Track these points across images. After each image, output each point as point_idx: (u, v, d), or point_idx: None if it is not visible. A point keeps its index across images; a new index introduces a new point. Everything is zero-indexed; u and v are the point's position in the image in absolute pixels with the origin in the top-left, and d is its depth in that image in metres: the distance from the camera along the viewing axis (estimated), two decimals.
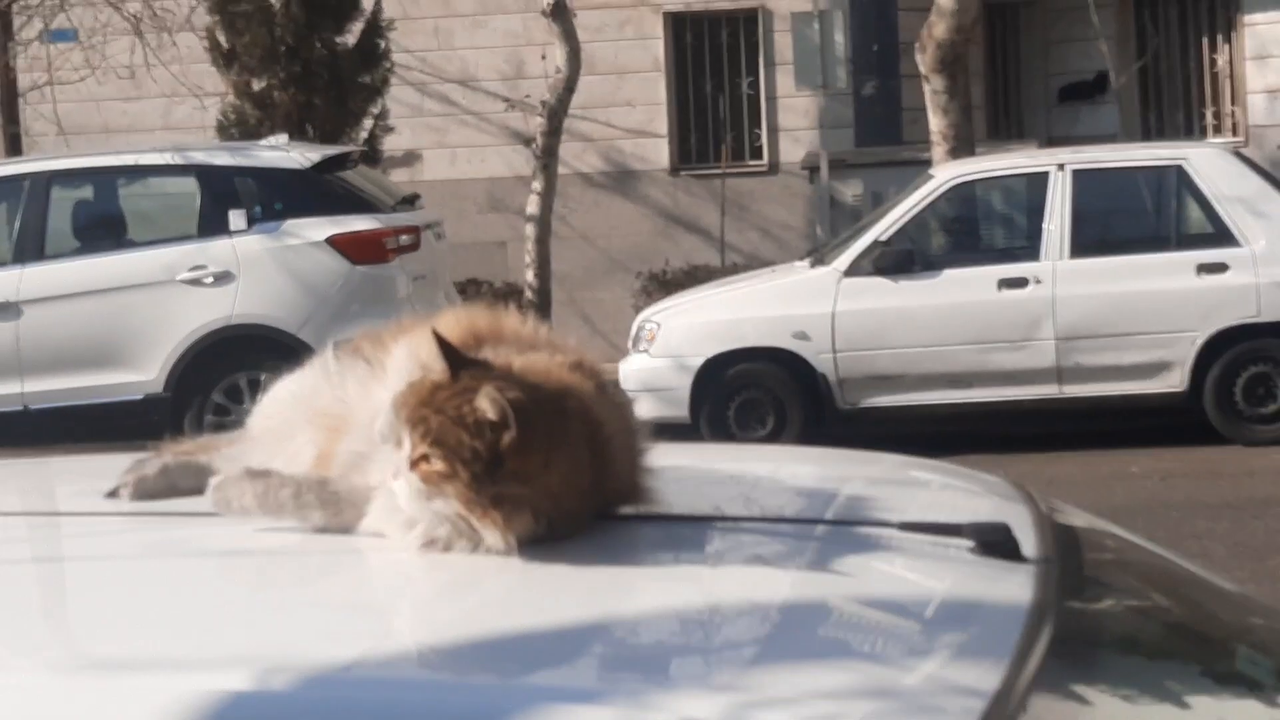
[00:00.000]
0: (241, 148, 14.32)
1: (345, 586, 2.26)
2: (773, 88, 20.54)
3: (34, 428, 12.60)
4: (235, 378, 12.81)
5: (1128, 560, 2.75)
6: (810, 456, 3.32)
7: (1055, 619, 2.13)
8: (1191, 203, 12.66)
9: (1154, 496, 10.76)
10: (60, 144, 18.13)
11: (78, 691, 1.84)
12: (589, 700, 1.80)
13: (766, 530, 2.39)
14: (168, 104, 19.74)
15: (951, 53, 15.56)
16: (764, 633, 2.11)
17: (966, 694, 1.87)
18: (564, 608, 2.09)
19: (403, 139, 19.67)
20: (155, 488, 2.49)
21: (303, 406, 2.45)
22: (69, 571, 2.34)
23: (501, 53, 20.82)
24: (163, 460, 2.53)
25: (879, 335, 12.52)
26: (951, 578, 2.27)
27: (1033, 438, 12.53)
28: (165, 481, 2.49)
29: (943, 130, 15.62)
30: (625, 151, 20.82)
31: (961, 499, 2.77)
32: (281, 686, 1.81)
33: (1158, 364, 12.33)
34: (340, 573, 2.29)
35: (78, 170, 13.87)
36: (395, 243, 13.12)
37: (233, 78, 17.87)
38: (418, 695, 1.82)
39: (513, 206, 20.04)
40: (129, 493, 2.49)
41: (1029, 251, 12.69)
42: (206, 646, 1.97)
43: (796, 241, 19.41)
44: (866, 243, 12.76)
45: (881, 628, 2.12)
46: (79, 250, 13.35)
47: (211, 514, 2.35)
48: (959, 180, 13.10)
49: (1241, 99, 20.27)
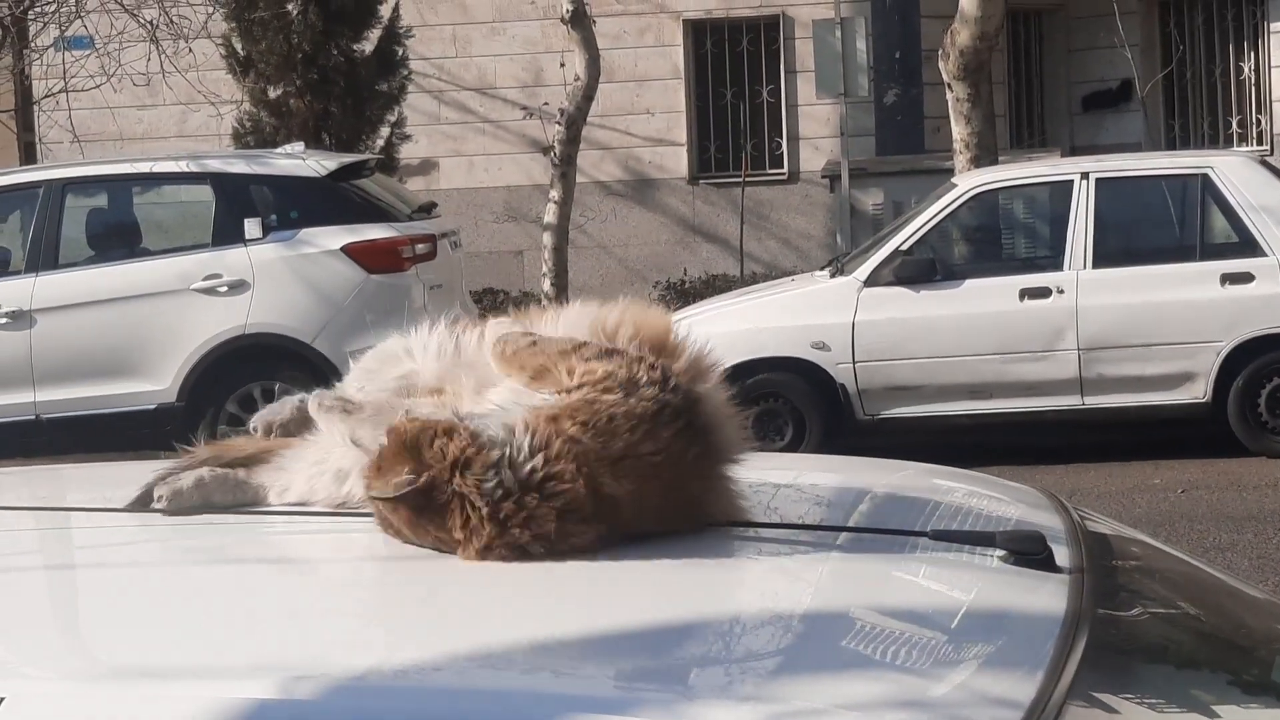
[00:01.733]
0: (257, 156, 14.28)
1: (371, 592, 2.25)
2: (793, 95, 20.52)
3: (47, 437, 12.56)
4: (249, 387, 12.76)
5: (1158, 568, 2.74)
6: (835, 465, 3.30)
7: (1090, 628, 2.10)
8: (1216, 212, 12.58)
9: (1176, 508, 10.69)
10: (75, 152, 18.11)
11: (101, 700, 1.82)
12: (619, 710, 1.78)
13: (795, 539, 2.36)
14: (183, 112, 19.75)
15: (975, 60, 15.50)
16: (795, 642, 2.09)
17: (1002, 705, 1.85)
18: (594, 617, 2.08)
19: (419, 147, 19.67)
20: (189, 501, 2.46)
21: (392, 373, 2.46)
22: (93, 578, 2.33)
23: (520, 60, 20.82)
24: (198, 473, 2.49)
25: (899, 345, 12.46)
26: (985, 587, 2.26)
27: (1054, 449, 12.46)
28: (200, 495, 2.45)
29: (965, 139, 15.56)
30: (644, 160, 20.80)
31: (993, 507, 2.76)
32: (306, 694, 1.79)
33: (1181, 375, 12.26)
34: (369, 580, 2.28)
35: (92, 178, 13.83)
36: (411, 251, 13.08)
37: (249, 85, 17.87)
38: (444, 704, 1.80)
39: (530, 215, 20.04)
40: (164, 505, 2.46)
41: (1052, 261, 12.62)
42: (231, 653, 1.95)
43: (816, 251, 19.38)
44: (887, 252, 12.70)
45: (915, 637, 2.10)
46: (93, 259, 13.31)
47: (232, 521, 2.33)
48: (981, 189, 13.04)
49: (1267, 107, 20.22)
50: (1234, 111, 20.51)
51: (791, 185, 20.57)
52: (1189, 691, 2.25)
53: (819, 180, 19.95)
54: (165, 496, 2.46)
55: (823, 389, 12.54)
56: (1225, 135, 20.42)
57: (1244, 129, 20.49)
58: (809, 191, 20.32)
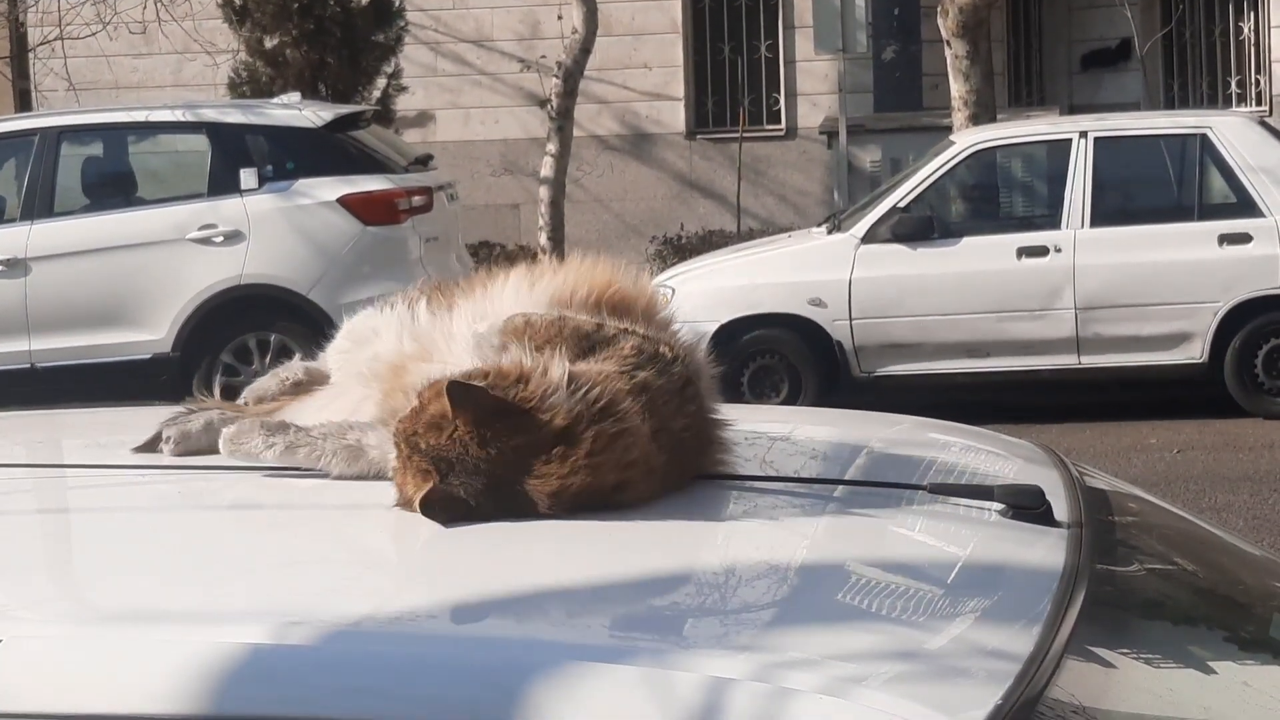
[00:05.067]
0: (253, 105, 14.23)
1: (369, 540, 2.24)
2: (791, 51, 20.46)
3: (41, 386, 12.54)
4: (244, 338, 12.75)
5: (1156, 523, 2.75)
6: (831, 418, 3.29)
7: (1088, 583, 2.10)
8: (1215, 172, 12.58)
9: (1172, 469, 10.70)
10: (70, 99, 18.06)
11: (99, 643, 1.82)
12: (613, 658, 1.77)
13: (792, 491, 2.35)
14: (179, 60, 19.69)
15: (974, 17, 15.46)
16: (791, 594, 2.08)
17: (1000, 657, 1.84)
18: (590, 568, 2.07)
19: (416, 99, 19.60)
20: (198, 443, 2.45)
21: (364, 356, 2.43)
22: (88, 524, 2.32)
23: (517, 12, 20.74)
24: (208, 415, 2.49)
25: (896, 303, 12.46)
26: (983, 540, 2.25)
27: (1050, 408, 12.47)
28: (208, 438, 2.45)
29: (963, 96, 15.53)
30: (641, 114, 20.75)
31: (990, 462, 2.76)
32: (300, 640, 1.79)
33: (1178, 335, 12.26)
34: (364, 526, 2.26)
35: (88, 126, 13.79)
36: (407, 204, 13.04)
37: (245, 34, 17.79)
38: (439, 649, 1.80)
39: (526, 169, 19.99)
40: (170, 447, 2.46)
41: (1049, 220, 12.62)
42: (226, 599, 1.95)
43: (814, 207, 19.35)
44: (885, 209, 12.69)
45: (912, 590, 2.10)
46: (88, 207, 13.28)
47: (230, 467, 2.35)
48: (979, 147, 13.02)
49: (1267, 68, 20.16)
50: (1233, 72, 20.45)
51: (789, 141, 20.52)
52: (1186, 647, 2.26)
53: (817, 136, 19.90)
54: (173, 438, 2.46)
55: (818, 346, 12.54)
56: (1224, 95, 20.36)
57: (1243, 89, 20.43)
58: (806, 148, 20.28)
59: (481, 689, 1.73)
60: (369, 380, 2.39)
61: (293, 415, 2.44)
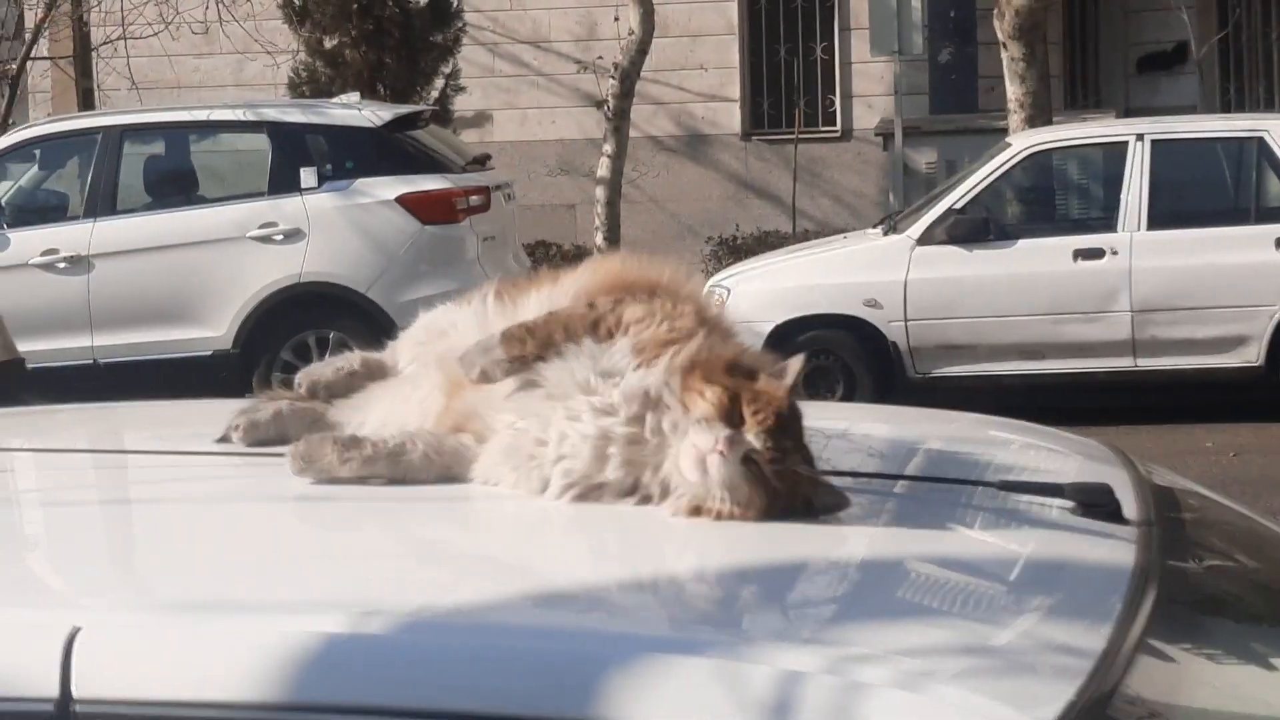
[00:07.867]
0: (313, 105, 14.31)
1: (438, 531, 2.25)
2: (847, 53, 20.42)
3: (103, 381, 12.64)
4: (304, 335, 12.81)
5: (1221, 521, 2.74)
6: (890, 414, 3.29)
7: (1159, 581, 2.09)
8: (1271, 175, 12.50)
9: (1227, 472, 10.64)
10: (132, 99, 18.17)
11: (174, 632, 1.84)
12: (679, 650, 1.76)
13: (854, 487, 2.34)
14: (240, 60, 19.77)
15: (1030, 20, 15.40)
16: (856, 589, 2.09)
17: (1071, 653, 1.84)
18: (653, 561, 2.08)
19: (473, 99, 19.65)
20: (267, 434, 2.47)
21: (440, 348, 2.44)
22: (165, 513, 2.34)
23: (574, 14, 20.76)
24: (277, 405, 2.51)
25: (951, 304, 12.42)
26: (1053, 537, 2.24)
27: (1105, 410, 12.40)
28: (277, 428, 2.47)
29: (1020, 98, 15.47)
30: (697, 115, 20.75)
31: (1054, 459, 2.76)
32: (376, 629, 1.80)
33: (1234, 338, 12.19)
34: (432, 518, 2.28)
35: (150, 125, 13.89)
36: (465, 203, 13.08)
37: (304, 35, 17.87)
38: (510, 641, 1.80)
39: (583, 169, 20.00)
40: (240, 436, 2.49)
41: (1105, 222, 12.56)
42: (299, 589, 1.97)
43: (869, 209, 19.30)
44: (940, 211, 12.65)
45: (981, 586, 2.09)
46: (150, 205, 13.38)
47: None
48: (1036, 149, 12.97)
49: None
50: None
51: (844, 143, 20.48)
52: (1251, 644, 2.24)
53: (872, 138, 19.86)
54: (242, 427, 2.49)
55: (874, 346, 12.52)
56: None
57: None
58: (862, 149, 20.24)
59: (553, 681, 1.74)
60: (442, 370, 2.41)
61: (369, 402, 2.47)
